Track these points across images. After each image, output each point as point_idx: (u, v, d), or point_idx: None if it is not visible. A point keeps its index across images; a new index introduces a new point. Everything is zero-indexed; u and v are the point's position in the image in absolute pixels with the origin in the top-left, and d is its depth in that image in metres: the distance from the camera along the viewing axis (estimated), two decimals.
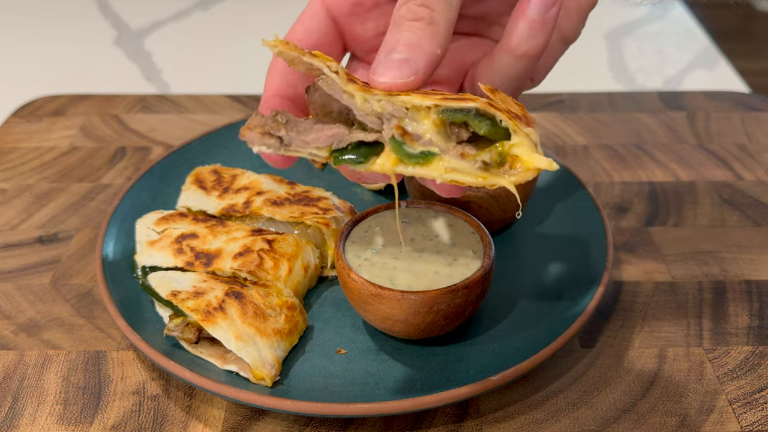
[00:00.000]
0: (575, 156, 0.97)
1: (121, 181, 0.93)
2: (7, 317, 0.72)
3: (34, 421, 0.61)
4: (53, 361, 0.67)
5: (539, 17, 0.48)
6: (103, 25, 1.46)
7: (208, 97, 1.13)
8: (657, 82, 1.23)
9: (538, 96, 1.11)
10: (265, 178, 0.83)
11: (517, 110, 0.47)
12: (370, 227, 0.68)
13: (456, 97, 0.46)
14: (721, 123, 1.05)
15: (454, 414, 0.62)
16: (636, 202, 0.88)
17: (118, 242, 0.76)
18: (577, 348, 0.68)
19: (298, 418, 0.61)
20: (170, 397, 0.63)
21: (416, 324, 0.61)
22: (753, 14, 2.96)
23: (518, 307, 0.69)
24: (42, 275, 0.77)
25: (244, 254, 0.70)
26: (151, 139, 1.02)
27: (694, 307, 0.73)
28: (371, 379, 0.62)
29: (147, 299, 0.69)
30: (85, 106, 1.10)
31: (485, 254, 0.64)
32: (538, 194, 0.84)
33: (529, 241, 0.78)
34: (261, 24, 1.49)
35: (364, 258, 0.64)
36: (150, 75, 1.27)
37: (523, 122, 0.45)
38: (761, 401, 0.63)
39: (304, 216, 0.75)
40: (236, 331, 0.62)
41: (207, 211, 0.78)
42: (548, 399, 0.63)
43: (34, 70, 1.30)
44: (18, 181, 0.93)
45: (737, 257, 0.79)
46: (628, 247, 0.80)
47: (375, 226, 0.68)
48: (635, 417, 0.61)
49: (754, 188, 0.90)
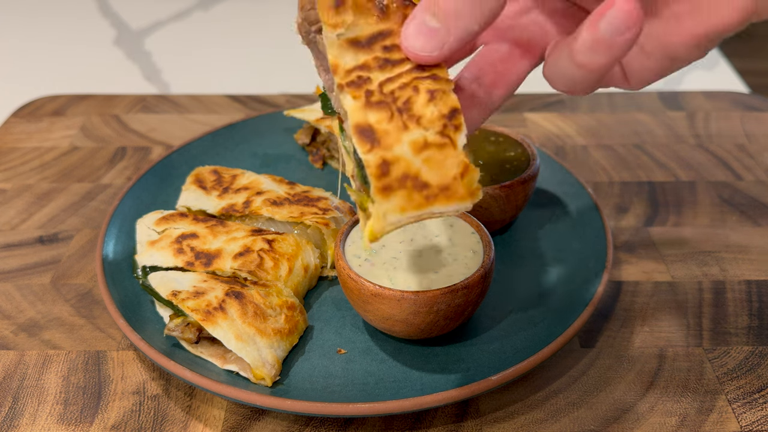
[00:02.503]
0: (575, 156, 0.97)
1: (121, 181, 0.93)
2: (8, 317, 0.72)
3: (35, 421, 0.61)
4: (53, 361, 0.67)
5: (607, 37, 0.40)
6: (103, 25, 1.46)
7: (208, 97, 1.13)
8: (657, 82, 1.23)
9: (538, 96, 1.11)
10: (265, 178, 0.83)
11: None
12: None
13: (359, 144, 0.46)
14: (720, 123, 1.05)
15: (454, 414, 0.62)
16: (636, 202, 0.88)
17: (119, 242, 0.76)
18: (577, 348, 0.68)
19: (298, 418, 0.61)
20: (170, 397, 0.63)
21: (416, 324, 0.61)
22: None
23: (518, 307, 0.69)
24: (42, 275, 0.77)
25: (244, 254, 0.70)
26: (151, 139, 1.02)
27: (693, 307, 0.73)
28: (371, 379, 0.62)
29: (147, 299, 0.69)
30: (85, 106, 1.10)
31: (485, 254, 0.64)
32: (538, 194, 0.84)
33: (529, 241, 0.78)
34: (261, 24, 1.49)
35: (364, 258, 0.64)
36: (150, 75, 1.27)
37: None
38: (761, 401, 0.63)
39: (304, 216, 0.75)
40: (236, 331, 0.62)
41: (207, 210, 0.78)
42: (548, 399, 0.63)
43: (34, 70, 1.30)
44: (18, 181, 0.93)
45: (737, 257, 0.79)
46: (627, 247, 0.81)
47: None
48: (635, 417, 0.61)
49: (753, 188, 0.90)
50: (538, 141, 1.00)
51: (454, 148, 0.46)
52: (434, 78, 0.46)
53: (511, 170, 0.76)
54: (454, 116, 0.46)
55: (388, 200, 0.44)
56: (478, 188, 0.45)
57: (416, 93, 0.46)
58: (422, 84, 0.46)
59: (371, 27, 0.46)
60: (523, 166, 0.77)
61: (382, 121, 0.45)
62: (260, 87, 1.20)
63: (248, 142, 0.95)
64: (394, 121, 0.45)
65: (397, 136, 0.45)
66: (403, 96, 0.46)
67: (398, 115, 0.46)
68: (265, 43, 1.40)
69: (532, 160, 0.77)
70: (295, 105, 1.10)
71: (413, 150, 0.45)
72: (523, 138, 0.80)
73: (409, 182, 0.45)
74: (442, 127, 0.46)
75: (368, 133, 0.45)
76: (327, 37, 0.46)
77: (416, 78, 0.46)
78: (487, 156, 0.79)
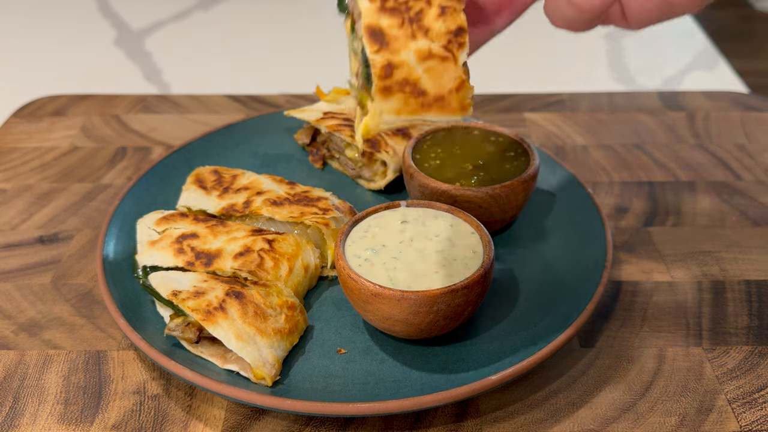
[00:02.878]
0: (575, 156, 0.97)
1: (121, 181, 0.93)
2: (8, 317, 0.72)
3: (35, 421, 0.61)
4: (54, 360, 0.67)
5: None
6: (104, 26, 1.46)
7: (208, 97, 1.13)
8: (657, 83, 1.23)
9: (538, 96, 1.12)
10: (265, 178, 0.83)
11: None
12: (370, 227, 0.68)
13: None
14: (720, 123, 1.05)
15: (453, 413, 0.62)
16: (635, 202, 0.88)
17: (119, 242, 0.76)
18: (577, 348, 0.68)
19: (299, 418, 0.62)
20: (171, 396, 0.64)
21: (416, 324, 0.61)
22: (752, 15, 2.97)
23: (518, 307, 0.69)
24: (42, 275, 0.77)
25: (244, 254, 0.70)
26: (151, 139, 1.02)
27: (693, 306, 0.73)
28: (371, 379, 0.62)
29: (147, 299, 0.70)
30: (85, 106, 1.11)
31: (485, 254, 0.64)
32: (537, 194, 0.84)
33: (529, 241, 0.78)
34: (261, 24, 1.49)
35: (364, 258, 0.64)
36: (150, 75, 1.27)
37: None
38: (760, 401, 0.63)
39: (304, 216, 0.75)
40: (236, 331, 0.62)
41: (207, 210, 0.78)
42: (548, 399, 0.63)
43: (34, 70, 1.30)
44: (18, 181, 0.93)
45: (737, 257, 0.79)
46: (627, 247, 0.81)
47: (375, 226, 0.68)
48: (635, 417, 0.61)
49: (753, 188, 0.91)
50: (538, 141, 1.00)
51: (455, 63, 0.50)
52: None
53: (511, 170, 0.76)
54: (459, 34, 0.51)
55: (387, 101, 0.49)
56: (470, 104, 0.50)
57: (429, 6, 0.50)
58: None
59: None
60: (523, 166, 0.77)
61: (392, 27, 0.49)
62: (260, 87, 1.20)
63: (248, 142, 0.95)
64: (404, 29, 0.50)
65: (405, 42, 0.49)
66: (416, 7, 0.50)
67: (408, 23, 0.50)
68: (265, 43, 1.40)
69: (532, 160, 0.77)
70: (295, 105, 1.10)
71: (417, 58, 0.49)
72: (523, 138, 0.81)
73: (408, 87, 0.49)
74: (447, 42, 0.50)
75: (378, 35, 0.49)
76: None
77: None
78: (487, 156, 0.79)
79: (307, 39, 1.42)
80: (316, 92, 0.98)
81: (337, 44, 1.39)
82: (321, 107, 0.94)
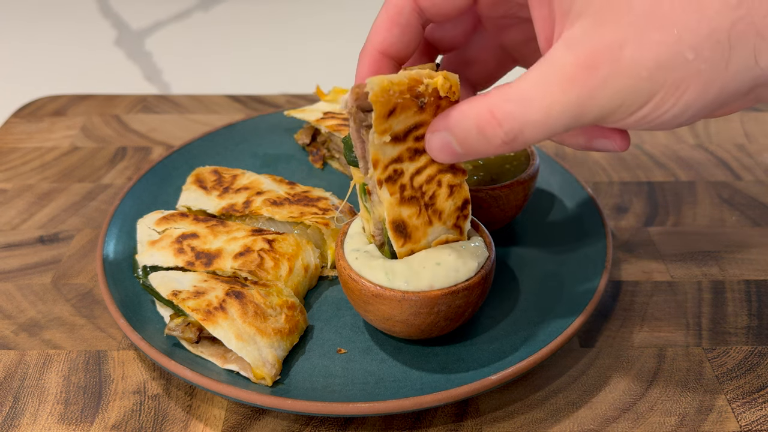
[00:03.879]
0: (575, 156, 0.97)
1: (121, 181, 0.93)
2: (8, 317, 0.72)
3: (35, 421, 0.61)
4: (54, 360, 0.67)
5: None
6: (104, 26, 1.46)
7: (208, 97, 1.13)
8: None
9: None
10: (265, 178, 0.83)
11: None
12: None
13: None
14: (720, 123, 1.05)
15: (453, 413, 0.62)
16: (635, 202, 0.88)
17: (119, 242, 0.76)
18: (576, 348, 0.68)
19: (299, 418, 0.62)
20: (171, 396, 0.64)
21: (417, 325, 0.61)
22: None
23: (518, 307, 0.69)
24: (43, 275, 0.78)
25: (244, 254, 0.70)
26: (151, 139, 1.02)
27: (693, 306, 0.73)
28: (371, 379, 0.62)
29: (147, 299, 0.70)
30: (85, 106, 1.11)
31: (486, 255, 0.64)
32: (537, 194, 0.84)
33: (529, 241, 0.78)
34: (261, 24, 1.49)
35: (363, 251, 0.64)
36: (150, 75, 1.27)
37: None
38: (760, 401, 0.63)
39: (304, 216, 0.75)
40: (237, 331, 0.62)
41: (207, 210, 0.78)
42: (548, 399, 0.63)
43: (35, 71, 1.30)
44: (19, 181, 0.93)
45: (736, 257, 0.79)
46: (627, 247, 0.81)
47: None
48: (635, 416, 0.61)
49: (753, 188, 0.91)
50: None
51: (460, 233, 0.61)
52: (453, 171, 0.58)
53: (511, 170, 0.76)
54: (465, 207, 0.60)
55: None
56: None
57: (439, 187, 0.58)
58: (444, 177, 0.57)
59: (409, 120, 0.53)
60: (523, 166, 0.77)
61: (412, 216, 0.57)
62: (260, 87, 1.20)
63: (248, 142, 0.95)
64: (421, 217, 0.58)
65: (424, 231, 0.59)
66: (429, 191, 0.57)
67: (425, 210, 0.58)
68: (265, 43, 1.40)
69: (532, 160, 0.77)
70: (295, 105, 1.10)
71: (435, 244, 0.60)
72: None
73: None
74: (456, 219, 0.60)
75: (402, 229, 0.58)
76: (374, 140, 0.53)
77: (440, 171, 0.57)
78: None
79: (307, 39, 1.42)
80: (316, 92, 0.98)
81: (337, 44, 1.39)
82: (321, 107, 0.95)
